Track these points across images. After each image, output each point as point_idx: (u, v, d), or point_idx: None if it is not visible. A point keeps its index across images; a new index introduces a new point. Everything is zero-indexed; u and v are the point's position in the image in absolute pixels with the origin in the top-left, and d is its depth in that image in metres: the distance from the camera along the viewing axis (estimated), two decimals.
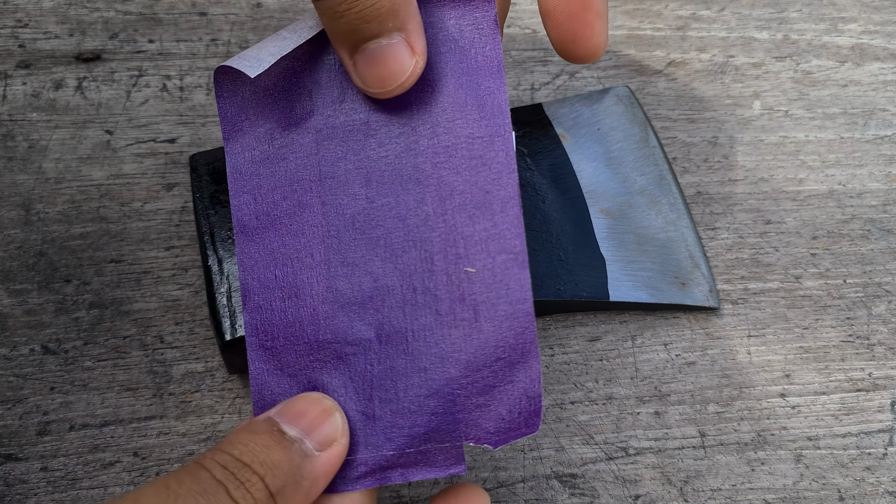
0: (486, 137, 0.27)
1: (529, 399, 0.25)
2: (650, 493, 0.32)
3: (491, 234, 0.26)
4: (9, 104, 0.40)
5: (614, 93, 0.40)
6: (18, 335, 0.34)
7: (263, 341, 0.27)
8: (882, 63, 0.44)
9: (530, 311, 0.26)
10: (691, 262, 0.36)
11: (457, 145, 0.27)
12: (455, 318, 0.26)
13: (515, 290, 0.26)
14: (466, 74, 0.27)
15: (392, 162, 0.28)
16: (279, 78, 0.29)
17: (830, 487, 0.33)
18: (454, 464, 0.25)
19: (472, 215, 0.26)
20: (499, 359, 0.26)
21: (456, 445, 0.25)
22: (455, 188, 0.27)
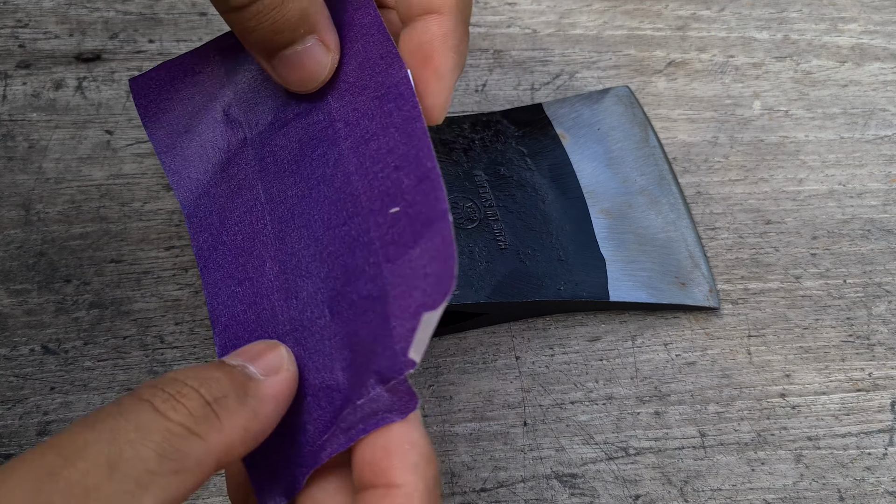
0: (386, 89, 0.27)
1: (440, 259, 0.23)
2: (650, 493, 0.32)
3: (403, 160, 0.25)
4: (9, 104, 0.40)
5: (614, 93, 0.40)
6: (18, 335, 0.34)
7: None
8: (882, 63, 0.44)
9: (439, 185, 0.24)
10: (691, 262, 0.36)
11: (364, 110, 0.28)
12: (388, 254, 0.25)
13: (430, 193, 0.24)
14: (360, 46, 0.28)
15: (315, 148, 0.28)
16: (201, 97, 0.30)
17: (830, 487, 0.33)
18: (407, 400, 0.23)
19: (389, 163, 0.26)
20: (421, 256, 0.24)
21: (401, 381, 0.23)
22: (369, 141, 0.27)
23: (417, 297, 0.23)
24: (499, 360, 0.35)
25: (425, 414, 0.33)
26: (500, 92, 0.42)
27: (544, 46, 0.44)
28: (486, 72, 0.43)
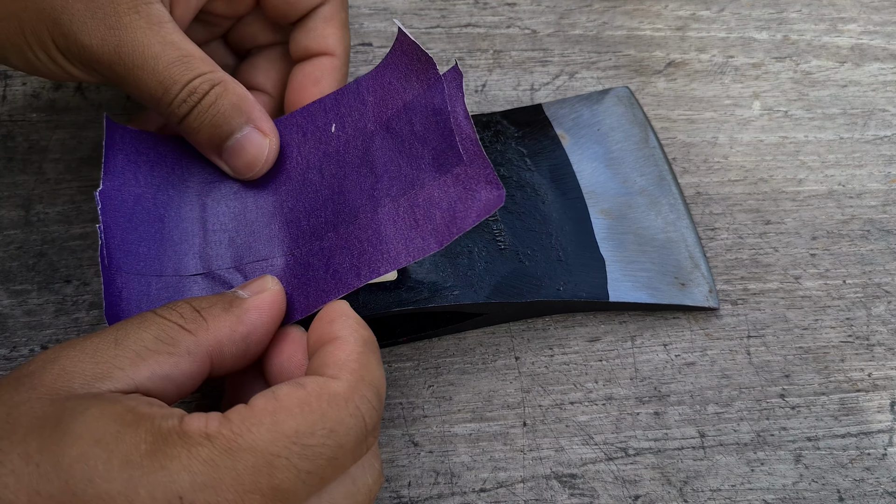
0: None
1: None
2: (650, 494, 0.32)
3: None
4: (9, 104, 0.40)
5: (614, 93, 0.40)
6: (18, 336, 0.34)
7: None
8: (882, 63, 0.44)
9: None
10: (691, 263, 0.36)
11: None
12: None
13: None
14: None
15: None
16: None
17: (830, 488, 0.33)
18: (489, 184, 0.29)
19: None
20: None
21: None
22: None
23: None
24: (498, 361, 0.35)
25: (425, 414, 0.34)
26: (500, 92, 0.42)
27: (544, 47, 0.44)
28: (486, 72, 0.43)
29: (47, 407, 0.22)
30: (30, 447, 0.21)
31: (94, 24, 0.27)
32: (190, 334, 0.25)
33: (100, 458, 0.21)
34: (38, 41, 0.28)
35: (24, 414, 0.22)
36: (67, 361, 0.23)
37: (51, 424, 0.22)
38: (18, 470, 0.21)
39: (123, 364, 0.24)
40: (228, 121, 0.30)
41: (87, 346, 0.24)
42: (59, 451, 0.21)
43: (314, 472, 0.22)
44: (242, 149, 0.31)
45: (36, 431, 0.21)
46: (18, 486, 0.21)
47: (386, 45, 0.43)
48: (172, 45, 0.29)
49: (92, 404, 0.22)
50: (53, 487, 0.21)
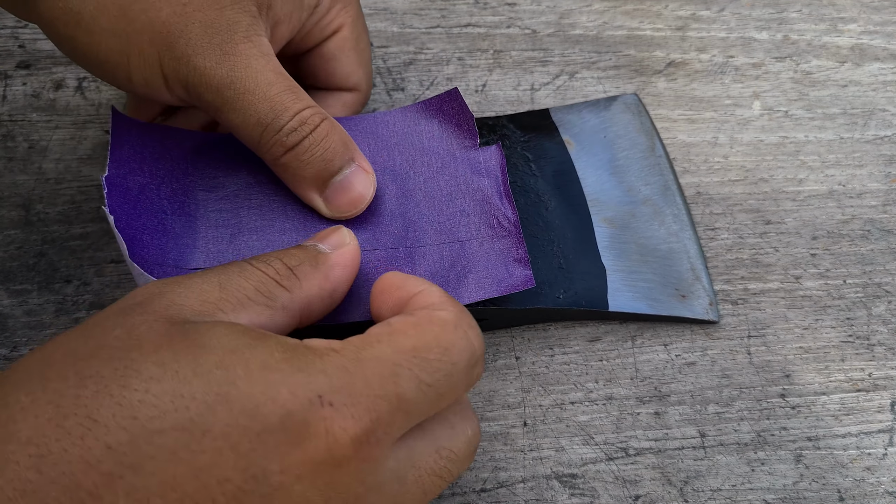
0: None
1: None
2: (650, 494, 0.32)
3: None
4: (9, 104, 0.40)
5: (622, 100, 0.40)
6: (18, 335, 0.34)
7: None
8: (882, 63, 0.44)
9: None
10: (692, 275, 0.36)
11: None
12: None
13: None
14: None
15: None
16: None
17: (830, 488, 0.33)
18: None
19: None
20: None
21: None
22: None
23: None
24: (499, 361, 0.35)
25: None
26: (500, 92, 0.42)
27: (544, 47, 0.44)
28: (486, 72, 0.43)
29: (168, 327, 0.23)
30: (163, 356, 0.22)
31: (210, 49, 0.28)
32: (286, 290, 0.26)
33: (238, 364, 0.22)
34: (145, 61, 0.29)
35: (147, 332, 0.23)
36: (175, 296, 0.24)
37: (179, 339, 0.22)
38: (157, 376, 0.21)
39: (226, 308, 0.25)
40: (339, 156, 0.30)
41: (193, 286, 0.25)
42: (195, 359, 0.22)
43: (433, 386, 0.23)
44: (350, 186, 0.31)
45: (165, 345, 0.22)
46: (161, 390, 0.21)
47: (386, 45, 0.43)
48: (282, 75, 0.29)
49: (216, 324, 0.23)
50: (196, 390, 0.21)
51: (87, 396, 0.21)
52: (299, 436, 0.22)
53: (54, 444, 0.21)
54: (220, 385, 0.22)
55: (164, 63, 0.29)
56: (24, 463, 0.20)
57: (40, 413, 0.21)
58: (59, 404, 0.21)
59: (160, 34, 0.28)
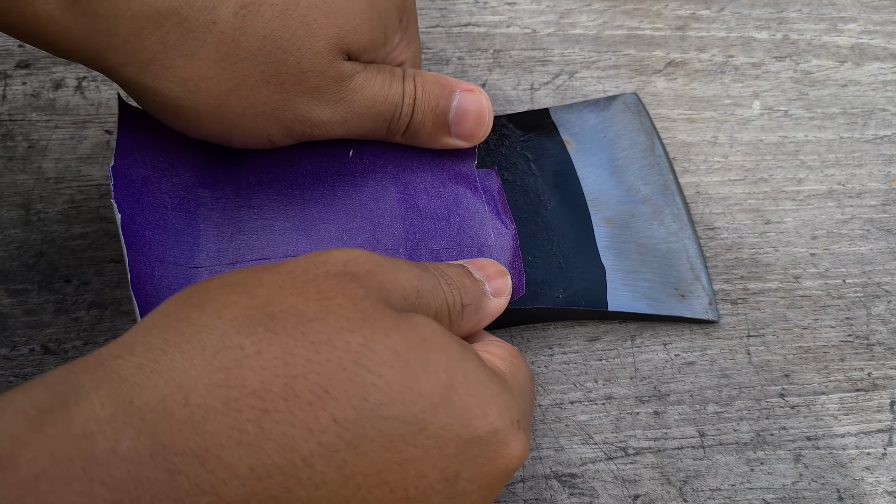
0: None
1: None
2: (649, 493, 0.32)
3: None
4: (9, 104, 0.40)
5: (622, 100, 0.40)
6: (18, 335, 0.34)
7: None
8: (882, 63, 0.44)
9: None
10: (692, 275, 0.36)
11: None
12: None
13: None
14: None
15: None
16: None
17: (830, 487, 0.33)
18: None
19: None
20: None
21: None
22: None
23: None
24: None
25: None
26: (500, 92, 0.42)
27: (544, 46, 0.44)
28: (486, 71, 0.43)
29: (390, 311, 0.24)
30: (396, 343, 0.23)
31: (322, 104, 0.31)
32: (449, 324, 0.28)
33: (460, 372, 0.24)
34: (247, 133, 0.31)
35: (372, 309, 0.24)
36: (386, 280, 0.25)
37: (406, 328, 0.23)
38: (391, 362, 0.23)
39: (419, 313, 0.26)
40: (440, 97, 0.33)
41: (399, 279, 0.26)
42: (425, 356, 0.23)
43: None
44: (465, 111, 0.33)
45: (394, 331, 0.23)
46: (393, 378, 0.22)
47: None
48: (380, 79, 0.32)
49: (433, 323, 0.25)
50: (424, 387, 0.23)
51: (319, 363, 0.22)
52: (496, 452, 0.24)
53: (281, 403, 0.21)
54: (445, 388, 0.23)
55: (271, 133, 0.31)
56: (245, 413, 0.21)
57: (268, 366, 0.21)
58: (289, 363, 0.21)
59: (265, 114, 0.30)
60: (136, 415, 0.20)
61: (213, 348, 0.21)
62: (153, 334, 0.22)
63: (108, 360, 0.21)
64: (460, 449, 0.23)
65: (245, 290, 0.23)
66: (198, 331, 0.22)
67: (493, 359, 0.27)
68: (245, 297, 0.23)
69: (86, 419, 0.20)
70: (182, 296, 0.24)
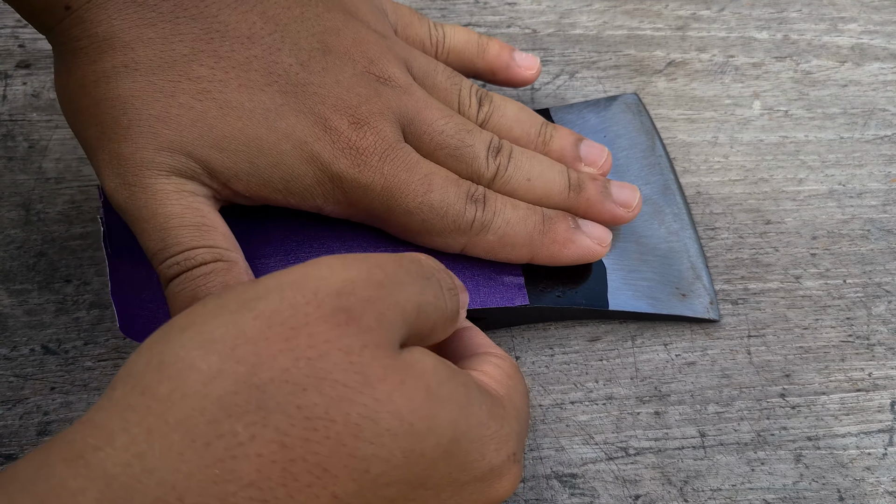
0: None
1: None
2: (650, 493, 0.32)
3: None
4: (9, 104, 0.40)
5: (622, 100, 0.40)
6: (19, 335, 0.34)
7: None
8: (882, 63, 0.44)
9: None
10: (693, 274, 0.36)
11: None
12: None
13: None
14: None
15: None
16: None
17: (830, 487, 0.33)
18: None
19: None
20: None
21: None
22: None
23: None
24: None
25: None
26: (501, 92, 0.42)
27: (544, 46, 0.44)
28: None
29: (391, 360, 0.23)
30: (399, 406, 0.22)
31: (363, 169, 0.30)
32: (444, 332, 0.27)
33: (463, 420, 0.23)
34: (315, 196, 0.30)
35: (371, 363, 0.22)
36: (385, 308, 0.24)
37: (411, 382, 0.22)
38: (393, 429, 0.22)
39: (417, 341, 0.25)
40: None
41: (398, 304, 0.24)
42: (431, 415, 0.22)
43: None
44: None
45: (398, 389, 0.22)
46: (396, 446, 0.22)
47: None
48: (190, 208, 0.29)
49: (439, 366, 0.24)
50: (427, 447, 0.22)
51: (316, 442, 0.21)
52: (490, 486, 0.24)
53: (279, 490, 0.20)
54: (449, 442, 0.22)
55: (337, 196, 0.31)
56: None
57: (264, 452, 0.20)
58: (286, 445, 0.20)
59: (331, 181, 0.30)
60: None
61: (204, 439, 0.20)
62: (132, 420, 0.20)
63: (87, 453, 0.19)
64: (456, 491, 0.23)
65: (227, 352, 0.21)
66: (184, 418, 0.20)
67: (489, 381, 0.26)
68: (229, 362, 0.21)
69: None
70: (152, 360, 0.21)
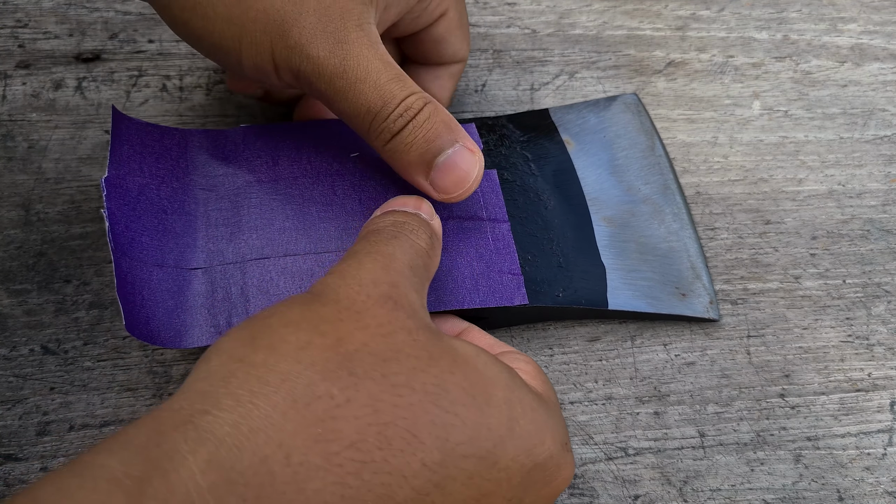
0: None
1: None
2: (650, 494, 0.32)
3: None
4: (9, 104, 0.40)
5: (622, 100, 0.40)
6: (18, 335, 0.34)
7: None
8: (882, 63, 0.44)
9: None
10: (692, 273, 0.36)
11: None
12: None
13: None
14: None
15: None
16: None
17: (830, 487, 0.33)
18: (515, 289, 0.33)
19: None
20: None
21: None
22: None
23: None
24: None
25: None
26: (500, 92, 0.42)
27: (544, 46, 0.44)
28: (486, 72, 0.43)
29: (443, 342, 0.25)
30: (459, 380, 0.24)
31: (323, 38, 0.28)
32: (432, 264, 0.29)
33: (517, 403, 0.24)
34: (257, 48, 0.29)
35: (428, 342, 0.24)
36: (416, 302, 0.26)
37: (462, 362, 0.24)
38: (462, 400, 0.23)
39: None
40: (442, 137, 0.30)
41: (419, 297, 0.27)
42: (488, 391, 0.24)
43: None
44: (455, 165, 0.30)
45: (458, 367, 0.24)
46: (468, 416, 0.23)
47: None
48: (390, 63, 0.30)
49: (481, 350, 0.26)
50: (492, 422, 0.23)
51: (403, 407, 0.22)
52: (552, 475, 0.25)
53: (377, 453, 0.21)
54: (508, 420, 0.23)
55: (275, 51, 0.29)
56: (346, 467, 0.21)
57: (360, 415, 0.21)
58: (378, 410, 0.21)
59: (274, 22, 0.28)
60: (238, 481, 0.19)
61: (304, 399, 0.21)
62: (234, 384, 0.21)
63: (195, 417, 0.20)
64: (524, 477, 0.24)
65: (311, 328, 0.23)
66: (283, 380, 0.21)
67: (527, 378, 0.27)
68: (315, 335, 0.22)
69: (187, 490, 0.19)
70: (243, 335, 0.23)
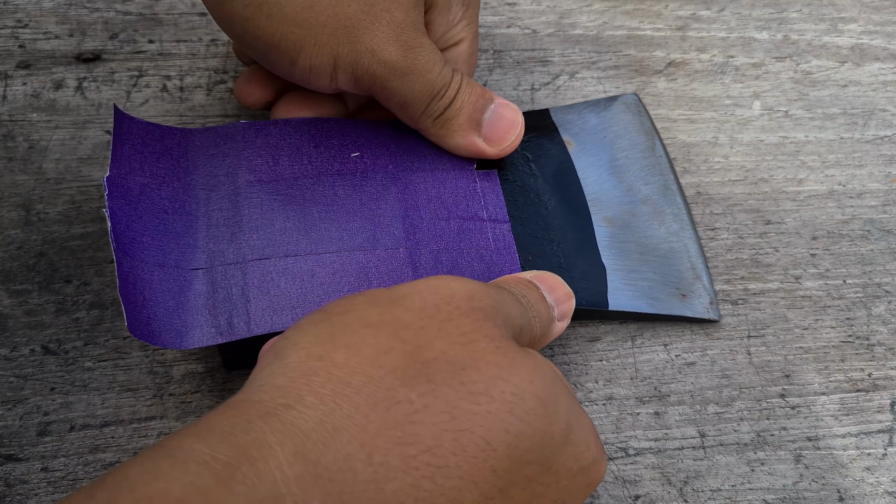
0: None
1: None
2: (650, 494, 0.32)
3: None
4: (9, 104, 0.40)
5: (622, 100, 0.40)
6: (19, 336, 0.34)
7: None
8: (882, 63, 0.44)
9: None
10: (693, 274, 0.36)
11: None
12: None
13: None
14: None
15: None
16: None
17: (830, 488, 0.33)
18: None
19: None
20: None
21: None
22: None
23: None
24: None
25: None
26: (500, 92, 0.42)
27: (544, 46, 0.44)
28: (486, 72, 0.43)
29: (521, 353, 0.25)
30: (537, 389, 0.24)
31: (396, 45, 0.31)
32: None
33: (572, 412, 0.25)
34: (319, 49, 0.31)
35: (510, 349, 0.25)
36: (507, 308, 0.27)
37: (538, 371, 0.25)
38: (534, 409, 0.23)
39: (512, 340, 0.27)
40: (482, 97, 0.34)
41: (512, 312, 0.27)
42: (556, 402, 0.24)
43: None
44: (501, 116, 0.34)
45: (537, 378, 0.24)
46: (537, 424, 0.23)
47: None
48: (438, 52, 0.33)
49: (546, 361, 0.26)
50: (554, 429, 0.24)
51: (481, 415, 0.22)
52: (593, 477, 0.26)
53: (451, 458, 0.22)
54: (566, 428, 0.24)
55: (340, 54, 0.31)
56: (422, 470, 0.21)
57: (438, 421, 0.22)
58: (455, 417, 0.22)
59: (345, 28, 0.30)
60: (323, 475, 0.20)
61: (385, 403, 0.22)
62: (317, 383, 0.22)
63: (279, 411, 0.21)
64: (570, 480, 0.25)
65: (392, 333, 0.24)
66: (365, 382, 0.22)
67: None
68: (396, 341, 0.23)
69: (274, 479, 0.20)
70: (321, 333, 0.24)
